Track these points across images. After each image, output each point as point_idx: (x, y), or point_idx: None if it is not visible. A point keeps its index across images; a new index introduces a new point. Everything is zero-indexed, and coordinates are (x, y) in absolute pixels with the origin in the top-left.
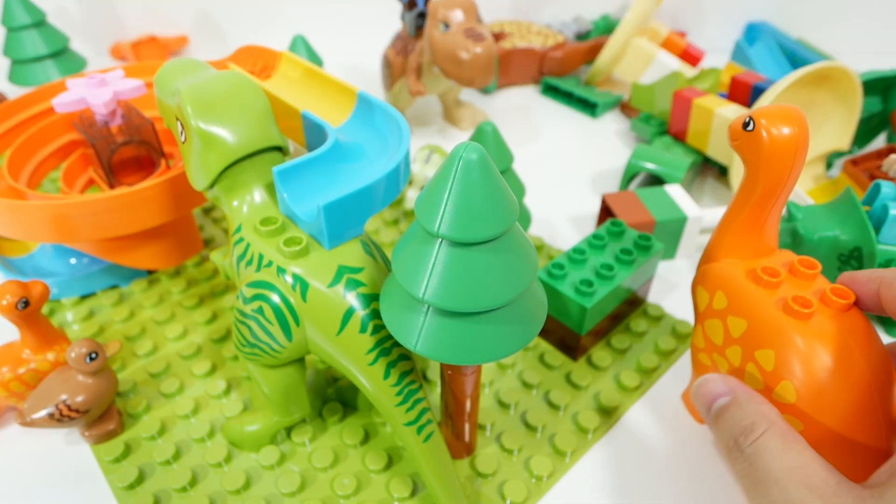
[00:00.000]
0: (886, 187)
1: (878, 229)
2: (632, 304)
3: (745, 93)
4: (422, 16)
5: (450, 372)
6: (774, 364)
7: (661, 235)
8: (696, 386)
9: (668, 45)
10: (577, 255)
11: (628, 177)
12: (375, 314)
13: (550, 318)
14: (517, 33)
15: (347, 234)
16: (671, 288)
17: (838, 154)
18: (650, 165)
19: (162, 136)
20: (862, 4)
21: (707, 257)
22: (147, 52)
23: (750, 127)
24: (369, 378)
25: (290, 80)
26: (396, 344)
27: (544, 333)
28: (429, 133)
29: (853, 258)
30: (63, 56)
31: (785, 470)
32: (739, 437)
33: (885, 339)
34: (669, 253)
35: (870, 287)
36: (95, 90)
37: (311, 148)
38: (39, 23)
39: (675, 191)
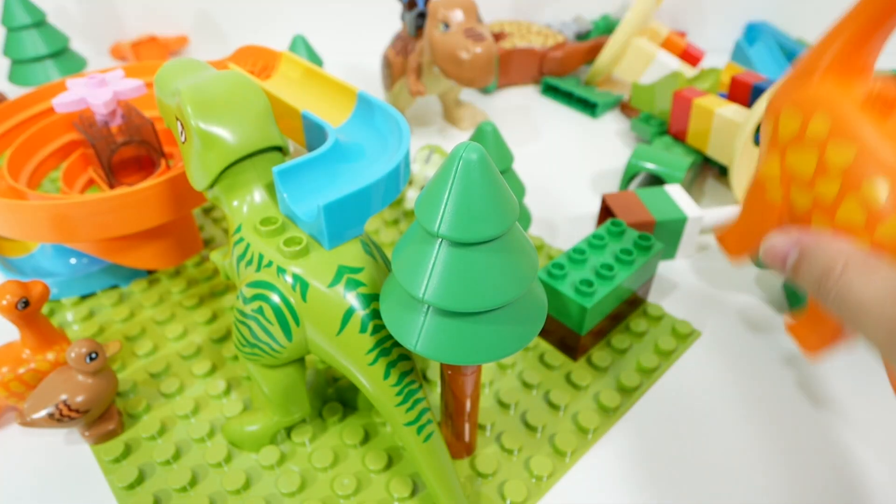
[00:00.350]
0: None
1: None
2: (632, 304)
3: (745, 93)
4: (422, 16)
5: (450, 372)
6: (889, 194)
7: (661, 235)
8: (762, 252)
9: (668, 45)
10: (577, 255)
11: (628, 177)
12: (375, 314)
13: (550, 318)
14: (517, 33)
15: (347, 234)
16: (671, 288)
17: None
18: (650, 165)
19: (162, 136)
20: None
21: (800, 73)
22: (147, 52)
23: None
24: (369, 378)
25: (290, 80)
26: (396, 344)
27: (544, 333)
28: (429, 133)
29: None
30: (63, 56)
31: (876, 298)
32: (821, 282)
33: None
34: (669, 253)
35: None
36: (95, 90)
37: (311, 148)
38: (39, 23)
39: (675, 191)
